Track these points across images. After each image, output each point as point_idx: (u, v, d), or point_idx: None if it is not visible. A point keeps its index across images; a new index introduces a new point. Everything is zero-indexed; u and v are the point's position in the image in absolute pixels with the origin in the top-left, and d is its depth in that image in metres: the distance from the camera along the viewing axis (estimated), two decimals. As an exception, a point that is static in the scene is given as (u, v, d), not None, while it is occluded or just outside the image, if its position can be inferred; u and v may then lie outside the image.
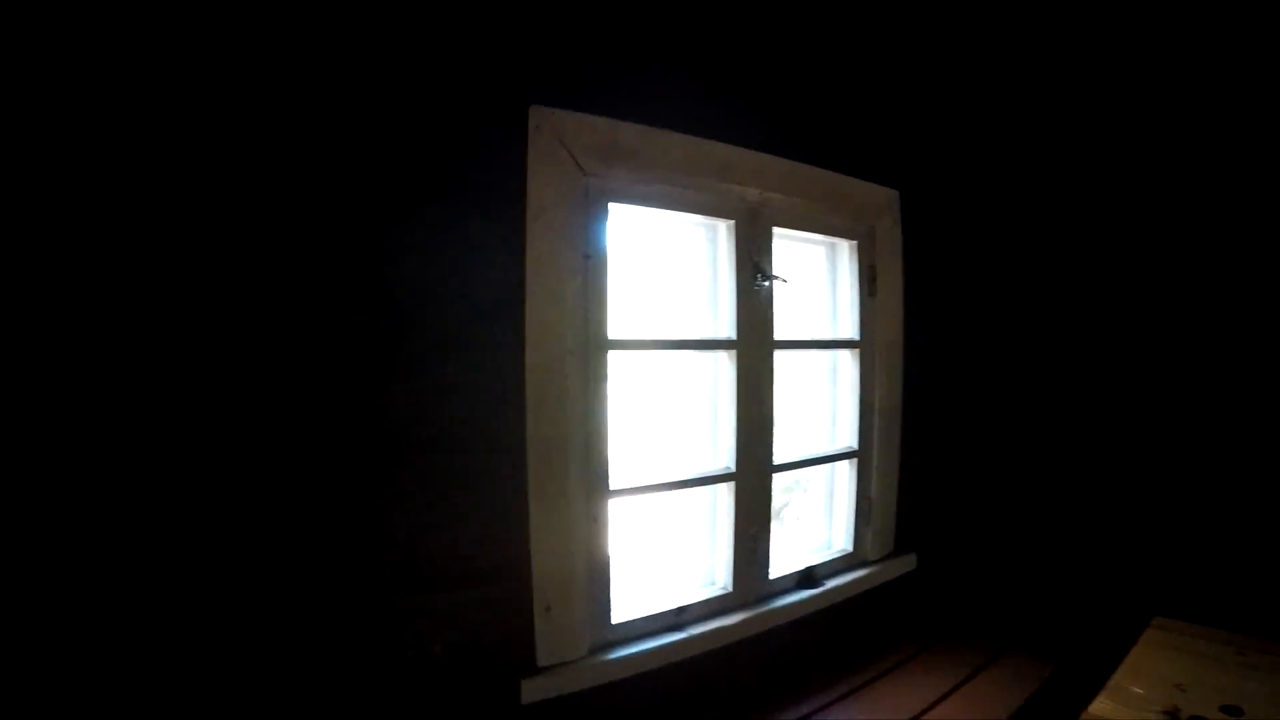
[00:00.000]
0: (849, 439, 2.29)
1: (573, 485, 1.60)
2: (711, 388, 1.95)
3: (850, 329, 2.27)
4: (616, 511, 1.72)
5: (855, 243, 2.27)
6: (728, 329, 1.91)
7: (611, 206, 1.69)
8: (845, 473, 2.31)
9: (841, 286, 2.30)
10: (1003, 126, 2.60)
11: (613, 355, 1.69)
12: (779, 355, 2.01)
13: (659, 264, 1.94)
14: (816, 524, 2.38)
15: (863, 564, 2.35)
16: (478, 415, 1.46)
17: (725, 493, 1.95)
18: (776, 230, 2.02)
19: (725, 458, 1.94)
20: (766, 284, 1.95)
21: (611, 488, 1.69)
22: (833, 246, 2.31)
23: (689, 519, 2.01)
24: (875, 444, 2.32)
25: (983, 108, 2.59)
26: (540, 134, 1.52)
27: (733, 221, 1.92)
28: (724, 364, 1.93)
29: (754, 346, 1.94)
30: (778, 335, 2.00)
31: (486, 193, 1.46)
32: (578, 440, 1.62)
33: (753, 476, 1.96)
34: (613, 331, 1.68)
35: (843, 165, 2.17)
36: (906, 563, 2.47)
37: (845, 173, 2.18)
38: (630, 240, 1.80)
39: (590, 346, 1.65)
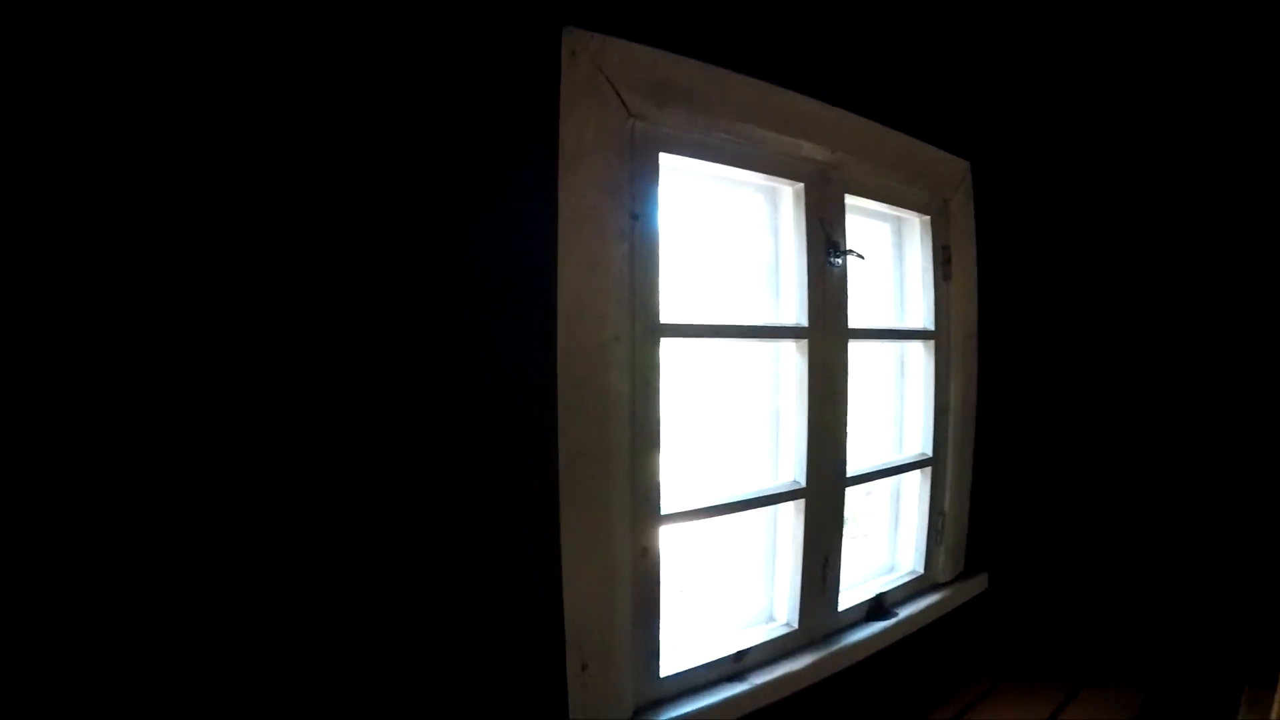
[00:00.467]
0: (921, 444, 1.93)
1: (616, 509, 1.24)
2: (775, 385, 1.59)
3: (922, 318, 1.91)
4: (668, 540, 1.35)
5: (927, 219, 1.91)
6: (796, 313, 1.55)
7: (662, 159, 1.32)
8: (916, 483, 1.95)
9: (911, 269, 1.94)
10: (1086, 88, 2.24)
11: (665, 344, 1.32)
12: (853, 347, 1.64)
13: (712, 234, 1.58)
14: (880, 542, 2.02)
15: (934, 587, 2.00)
16: (490, 421, 1.09)
17: (791, 512, 1.58)
18: (848, 199, 1.66)
19: (792, 469, 1.57)
20: (840, 261, 1.59)
21: (663, 511, 1.33)
22: (899, 223, 1.96)
23: (745, 543, 1.65)
24: (949, 450, 1.96)
25: (1066, 63, 2.23)
26: (577, 62, 1.16)
27: (801, 185, 1.55)
28: (791, 356, 1.57)
29: (827, 336, 1.58)
30: (852, 323, 1.63)
31: (507, 129, 1.10)
32: (622, 451, 1.25)
33: (825, 491, 1.60)
34: (665, 314, 1.31)
35: (916, 128, 1.81)
36: (978, 584, 2.13)
37: (918, 136, 1.82)
38: (679, 204, 1.44)
39: (639, 331, 1.28)
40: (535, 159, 1.13)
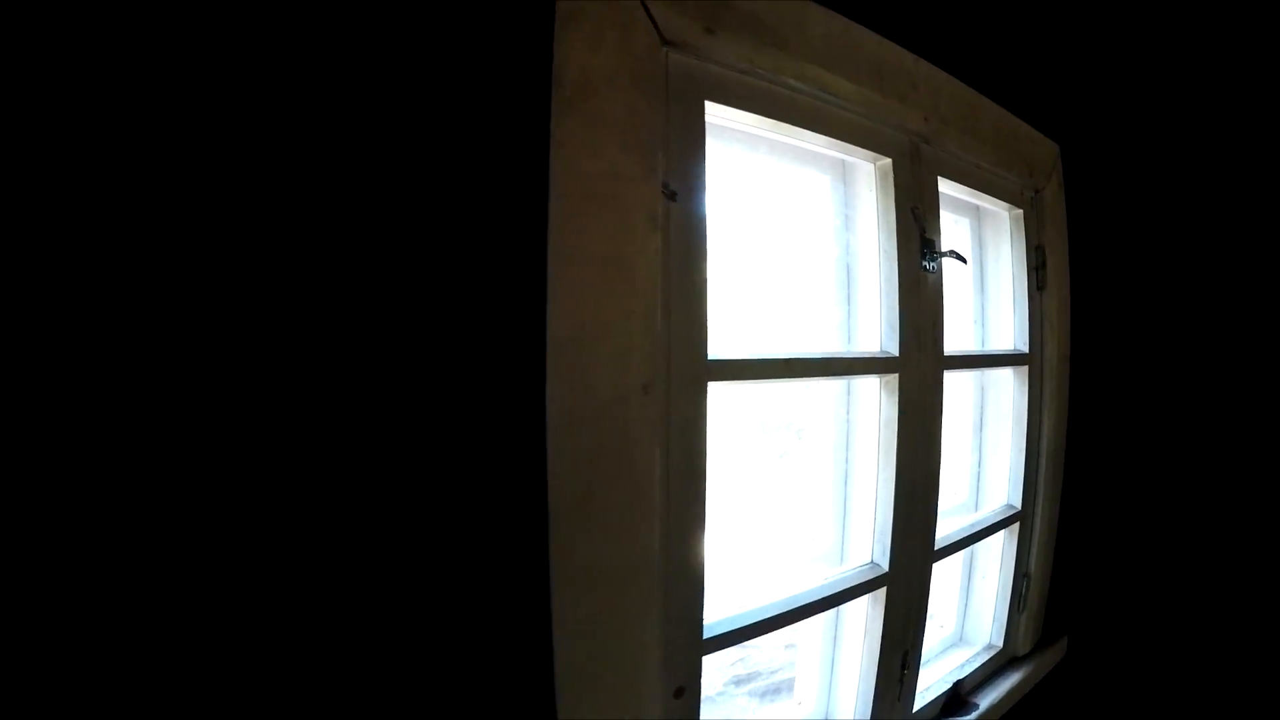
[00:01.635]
0: (1007, 494, 1.47)
1: (642, 642, 0.76)
2: (846, 434, 1.12)
3: (1012, 337, 1.45)
4: (710, 672, 0.88)
5: (1019, 213, 1.44)
6: (882, 337, 1.08)
7: (710, 111, 0.85)
8: (998, 542, 1.49)
9: (998, 275, 1.47)
10: (1197, 53, 1.78)
11: (714, 389, 0.84)
12: (948, 379, 1.17)
13: (764, 226, 1.10)
14: (949, 609, 1.56)
15: (1013, 662, 1.55)
16: (428, 547, 0.63)
17: (866, 605, 1.12)
18: (941, 182, 1.19)
19: (869, 547, 1.11)
20: (935, 265, 1.12)
21: (707, 634, 0.86)
22: (980, 217, 1.49)
23: (799, 643, 1.18)
24: (1039, 500, 1.50)
25: (1174, 22, 1.77)
26: (583, -52, 0.69)
27: (888, 161, 1.08)
28: (872, 394, 1.10)
29: (921, 365, 1.10)
30: (947, 348, 1.16)
31: (463, 50, 0.63)
32: (653, 560, 0.77)
33: (911, 571, 1.14)
34: (715, 347, 0.84)
35: (1010, 100, 1.35)
36: (1058, 651, 1.69)
37: (1011, 109, 1.36)
38: (725, 181, 0.96)
39: (678, 374, 0.80)
40: (524, 97, 0.66)
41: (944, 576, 1.59)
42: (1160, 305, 1.87)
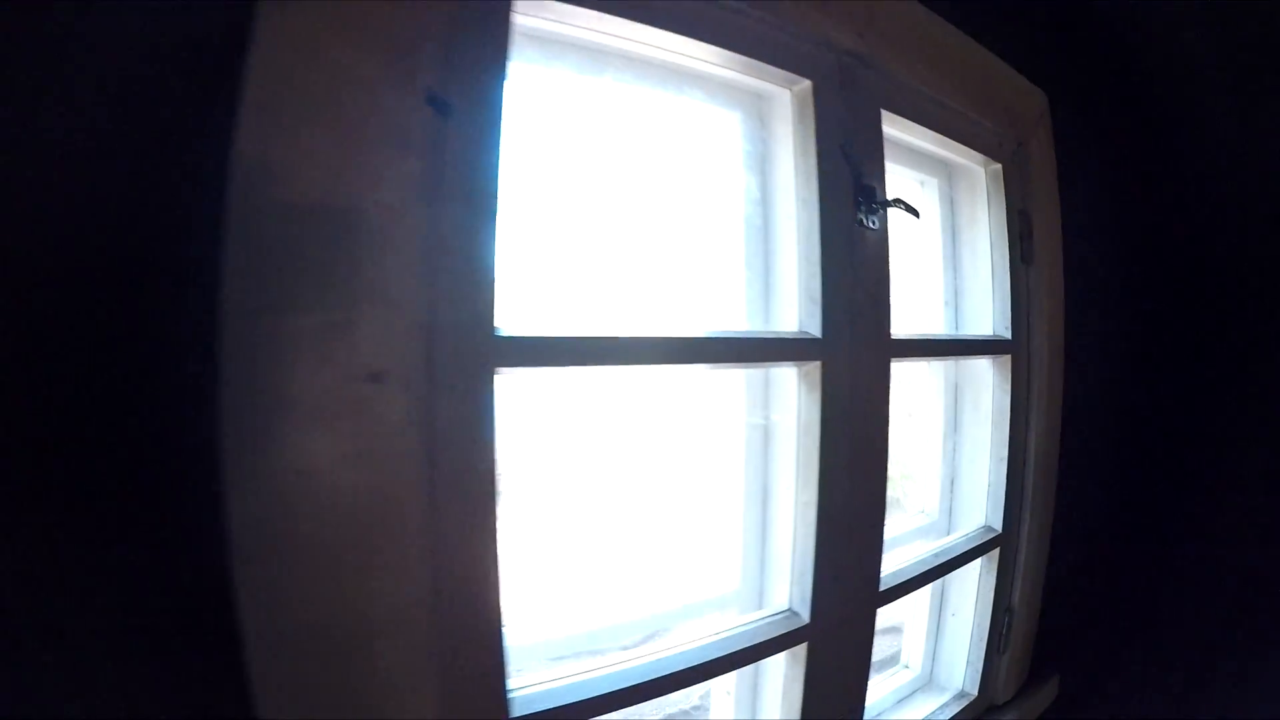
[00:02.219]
0: (985, 514, 1.19)
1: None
2: (759, 441, 0.85)
3: (991, 320, 1.17)
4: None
5: (997, 169, 1.17)
6: (799, 315, 0.81)
7: (527, 6, 0.59)
8: (974, 573, 1.21)
9: (973, 245, 1.19)
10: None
11: (506, 377, 0.58)
12: (898, 369, 0.90)
13: (637, 171, 0.84)
14: (914, 646, 1.29)
15: (991, 710, 1.27)
16: None
17: (783, 665, 0.85)
18: (885, 117, 0.92)
19: (786, 590, 0.84)
20: (877, 221, 0.85)
21: (519, 711, 0.60)
22: (950, 176, 1.22)
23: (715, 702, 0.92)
24: (1026, 521, 1.22)
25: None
26: None
27: (807, 85, 0.81)
28: (790, 389, 0.83)
29: (857, 351, 0.83)
30: (897, 330, 0.89)
31: None
32: (417, 619, 0.52)
33: (846, 620, 0.86)
34: (511, 317, 0.58)
35: (986, 35, 1.08)
36: (1047, 694, 1.40)
37: (988, 47, 1.09)
38: (565, 112, 0.71)
39: (444, 358, 0.54)
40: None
41: (911, 607, 1.32)
42: (1177, 286, 1.58)
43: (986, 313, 1.16)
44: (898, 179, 1.17)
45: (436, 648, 0.56)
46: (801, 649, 0.82)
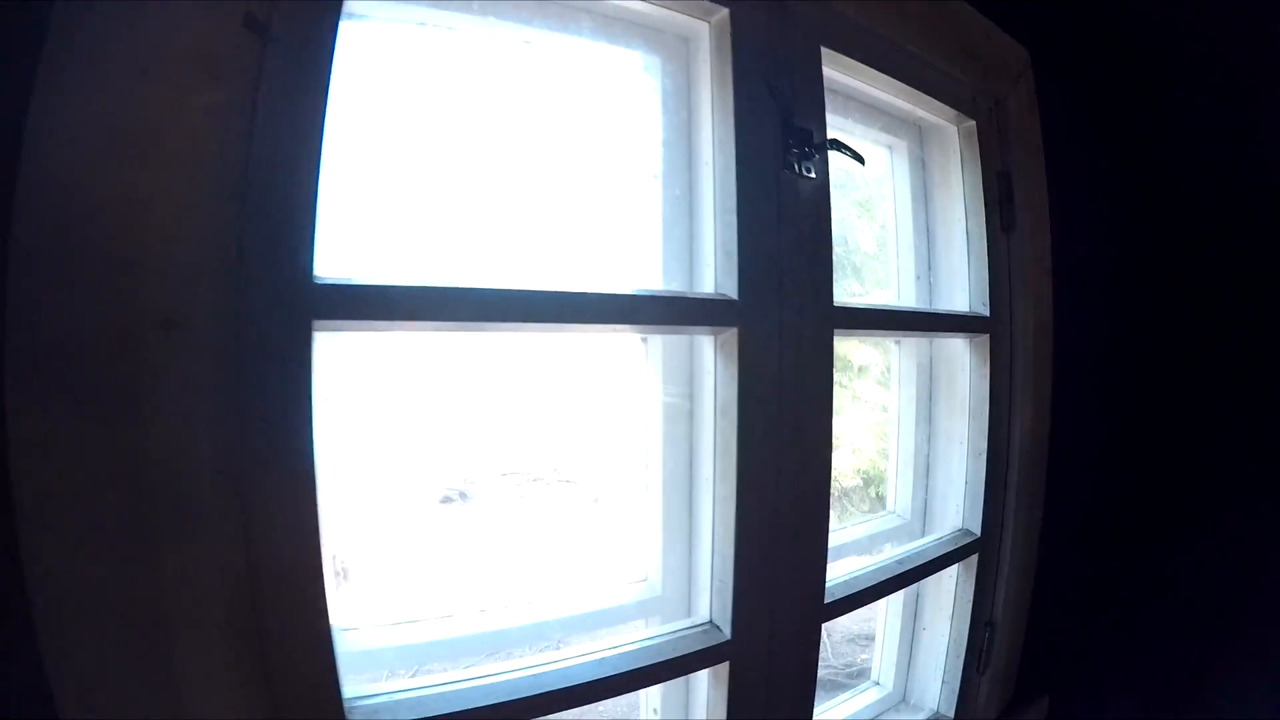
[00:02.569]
0: (960, 517, 1.05)
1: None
2: (676, 422, 0.72)
3: (967, 295, 1.03)
4: None
5: (971, 126, 1.03)
6: (714, 273, 0.68)
7: None
8: (950, 583, 1.07)
9: (946, 211, 1.06)
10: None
11: (329, 333, 0.47)
12: (842, 346, 0.76)
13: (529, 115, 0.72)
14: (885, 659, 1.15)
15: (971, 738, 1.13)
16: None
17: (705, 686, 0.72)
18: (828, 57, 0.78)
19: (705, 600, 0.70)
20: (812, 169, 0.72)
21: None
22: (922, 137, 1.08)
23: None
24: (1010, 523, 1.08)
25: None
26: None
27: (724, 12, 0.68)
28: (706, 361, 0.70)
29: (788, 318, 0.69)
30: (839, 297, 0.75)
31: None
32: (217, 608, 0.41)
33: (780, 635, 0.73)
34: (337, 262, 0.48)
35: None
36: (1034, 717, 1.26)
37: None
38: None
39: (251, 307, 0.44)
40: None
41: (882, 618, 1.18)
42: (1177, 259, 1.43)
43: (961, 286, 1.02)
44: (861, 141, 1.04)
45: (245, 647, 0.45)
46: (723, 668, 0.69)
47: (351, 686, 0.53)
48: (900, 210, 1.06)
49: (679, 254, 0.72)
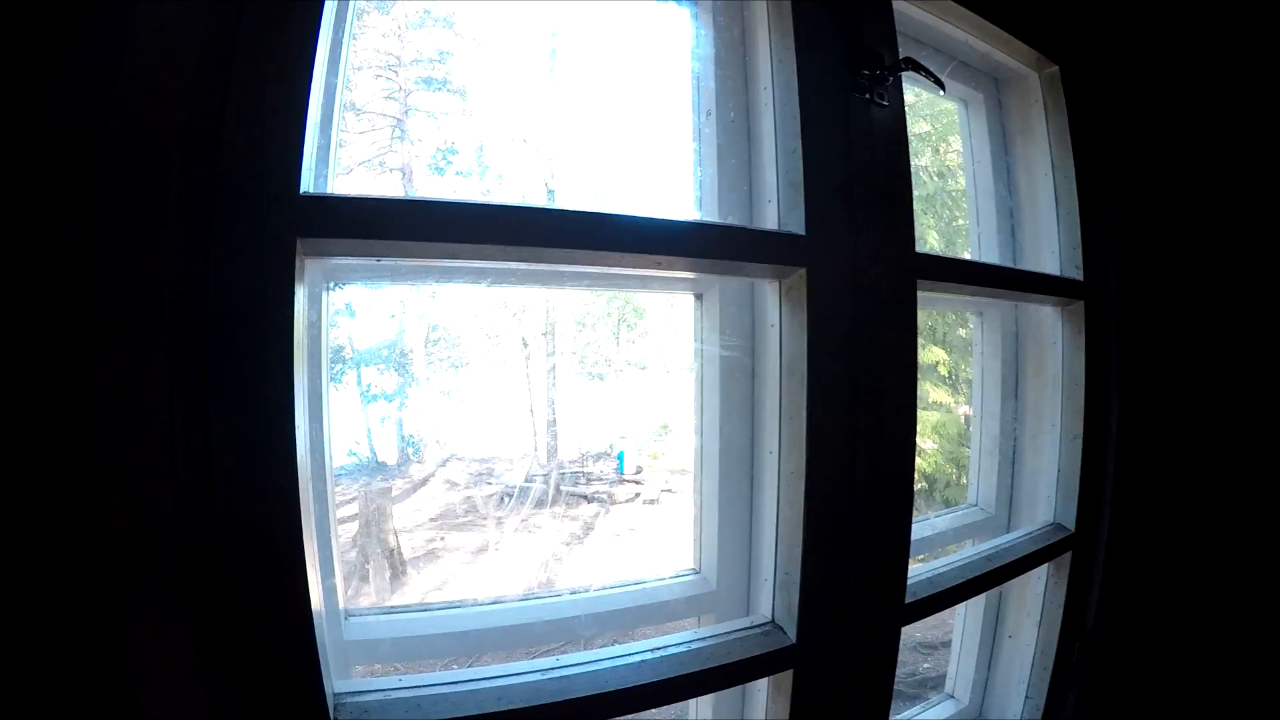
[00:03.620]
0: (1054, 508, 0.91)
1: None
2: (744, 386, 0.62)
3: (1058, 258, 0.89)
4: None
5: (1053, 72, 0.90)
6: (781, 207, 0.57)
7: None
8: (1038, 584, 0.93)
9: (1029, 169, 0.92)
10: None
11: (318, 257, 0.40)
12: (925, 302, 0.64)
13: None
14: (962, 672, 1.02)
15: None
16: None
17: (764, 694, 0.60)
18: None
19: (768, 598, 0.59)
20: (883, 97, 0.60)
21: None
22: (997, 86, 0.95)
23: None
24: (1105, 516, 0.93)
25: None
26: None
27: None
28: (767, 309, 0.59)
29: (864, 262, 0.58)
30: (921, 245, 0.63)
31: None
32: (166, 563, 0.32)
33: (852, 641, 0.61)
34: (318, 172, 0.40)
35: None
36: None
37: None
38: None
39: (237, 213, 0.36)
40: None
41: (959, 622, 1.04)
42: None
43: (1050, 249, 0.89)
44: (934, 94, 0.93)
45: (204, 621, 0.36)
46: (786, 677, 0.57)
47: (347, 679, 0.44)
48: (979, 168, 0.93)
49: (737, 194, 0.61)
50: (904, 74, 0.63)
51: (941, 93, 0.65)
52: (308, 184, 0.39)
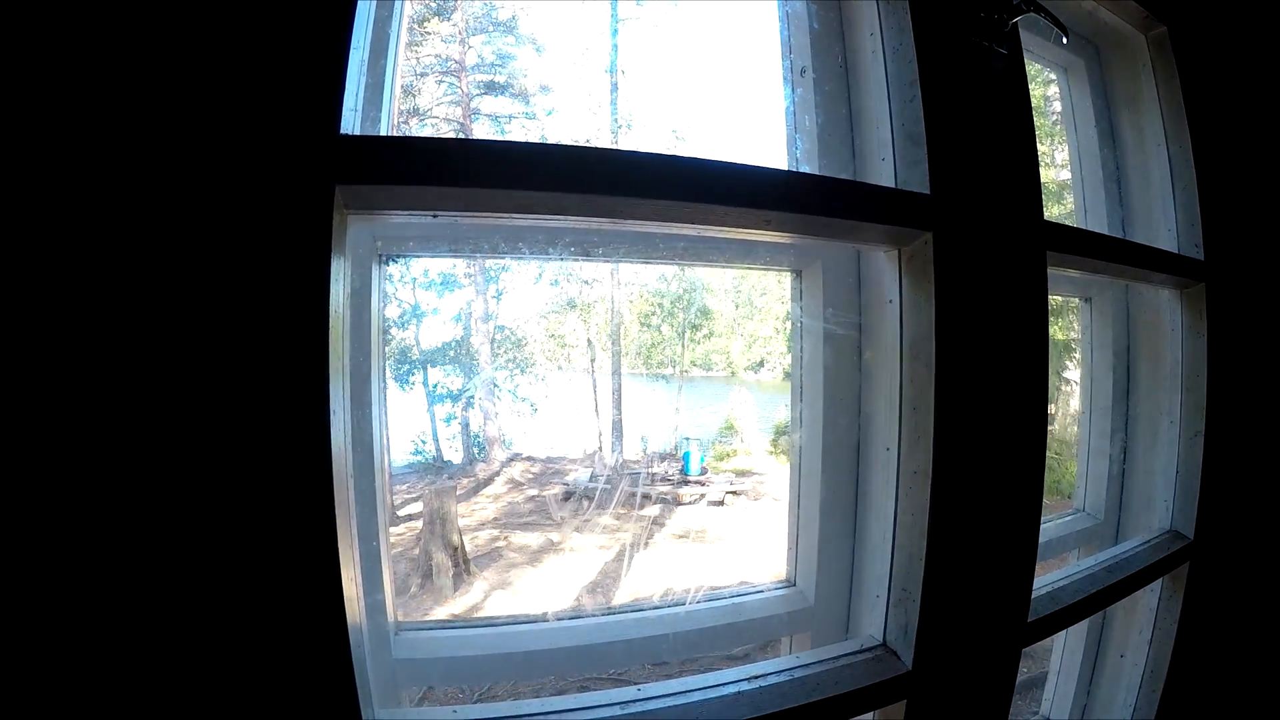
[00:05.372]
0: (1169, 514, 0.80)
1: None
2: (851, 374, 0.53)
3: (1175, 236, 0.78)
4: None
5: (1161, 33, 0.79)
6: (899, 162, 0.48)
7: None
8: (1150, 598, 0.81)
9: (1138, 138, 0.82)
10: None
11: (357, 208, 0.33)
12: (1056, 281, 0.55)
13: None
14: (1062, 694, 0.91)
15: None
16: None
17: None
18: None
19: (880, 615, 0.50)
20: (1006, 46, 0.51)
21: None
22: (1098, 53, 0.85)
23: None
24: (1231, 524, 0.81)
25: None
26: None
27: None
28: (878, 287, 0.50)
29: (993, 228, 0.49)
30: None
31: None
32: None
33: (972, 666, 0.51)
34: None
35: None
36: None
37: None
38: None
39: (269, 154, 0.29)
40: None
41: (1058, 637, 0.93)
42: None
43: (1166, 225, 0.78)
44: (1034, 64, 0.83)
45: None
46: (897, 709, 0.48)
47: (392, 708, 0.37)
48: (1083, 141, 0.83)
49: (838, 154, 0.52)
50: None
51: (1065, 40, 0.55)
52: (351, 126, 0.33)
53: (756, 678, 0.46)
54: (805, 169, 0.55)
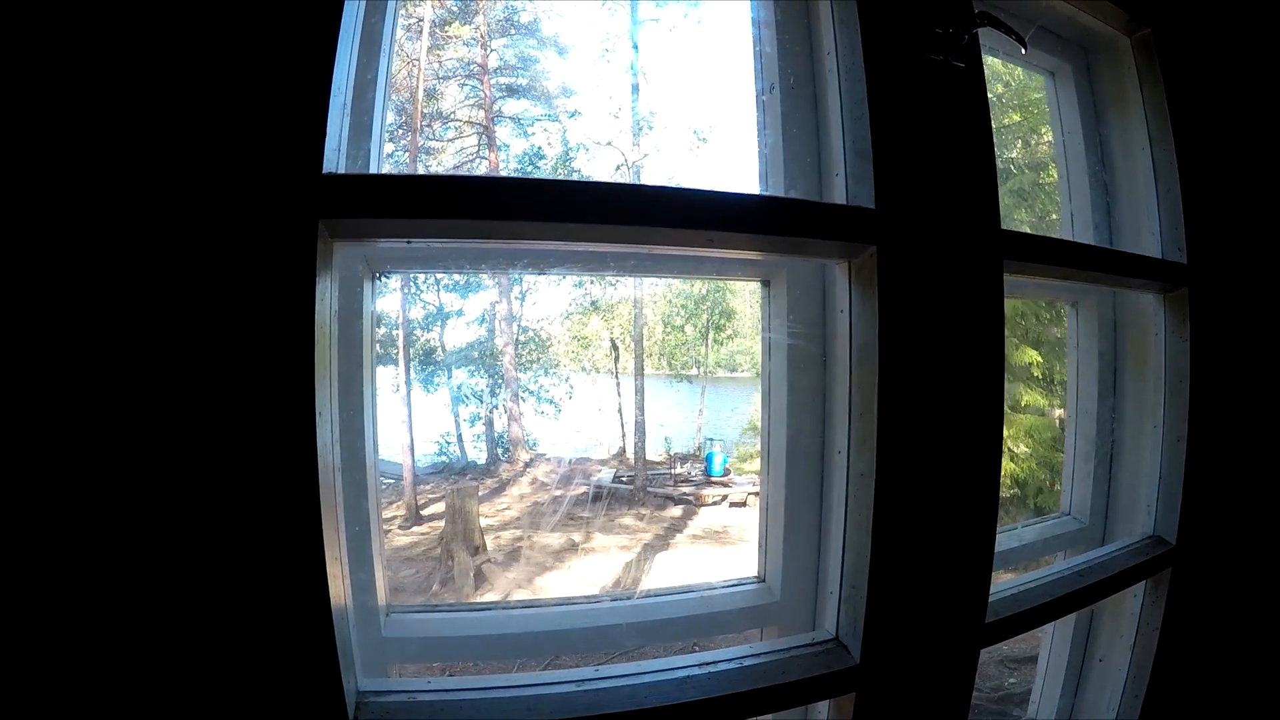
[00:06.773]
0: (1153, 519, 0.79)
1: None
2: (816, 374, 0.55)
3: (1158, 240, 0.78)
4: None
5: (1145, 35, 0.79)
6: (849, 179, 0.50)
7: None
8: (1134, 602, 0.81)
9: (1124, 142, 0.81)
10: None
11: (342, 239, 0.36)
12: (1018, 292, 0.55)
13: None
14: (1048, 694, 0.91)
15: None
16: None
17: (824, 716, 0.53)
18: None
19: (832, 612, 0.52)
20: (960, 60, 0.52)
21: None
22: (1085, 55, 0.85)
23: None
24: (1213, 529, 0.80)
25: None
26: None
27: None
28: (836, 299, 0.52)
29: (942, 240, 0.50)
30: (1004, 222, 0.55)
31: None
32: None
33: (923, 663, 0.53)
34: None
35: None
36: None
37: None
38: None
39: (253, 191, 0.34)
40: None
41: (1046, 642, 0.92)
42: None
43: (1150, 229, 0.77)
44: (1017, 68, 0.83)
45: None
46: (847, 701, 0.50)
47: (377, 678, 0.40)
48: (1070, 144, 0.83)
49: (801, 166, 0.54)
50: (997, 60, 0.55)
51: (1023, 52, 0.56)
52: (335, 164, 0.36)
53: (707, 664, 0.49)
54: (774, 179, 0.57)
